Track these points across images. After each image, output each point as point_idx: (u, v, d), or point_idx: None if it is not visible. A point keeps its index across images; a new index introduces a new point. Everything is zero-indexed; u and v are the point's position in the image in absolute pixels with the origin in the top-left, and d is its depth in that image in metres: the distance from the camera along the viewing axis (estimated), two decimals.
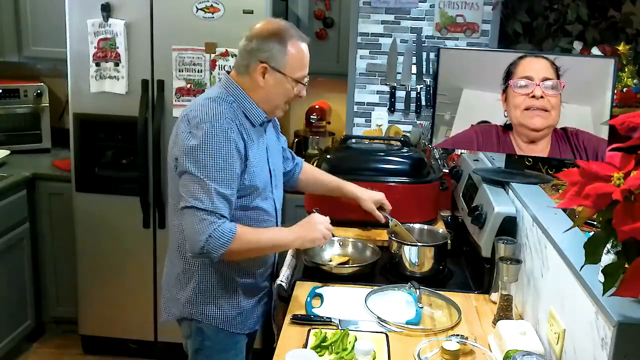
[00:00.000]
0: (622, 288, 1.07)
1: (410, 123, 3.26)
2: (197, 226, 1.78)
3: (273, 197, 2.05)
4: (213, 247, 1.78)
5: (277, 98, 1.95)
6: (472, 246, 2.18)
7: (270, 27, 1.90)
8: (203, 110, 1.85)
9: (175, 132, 1.90)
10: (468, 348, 1.64)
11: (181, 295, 1.98)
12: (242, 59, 1.92)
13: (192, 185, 1.81)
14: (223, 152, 1.81)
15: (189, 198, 1.80)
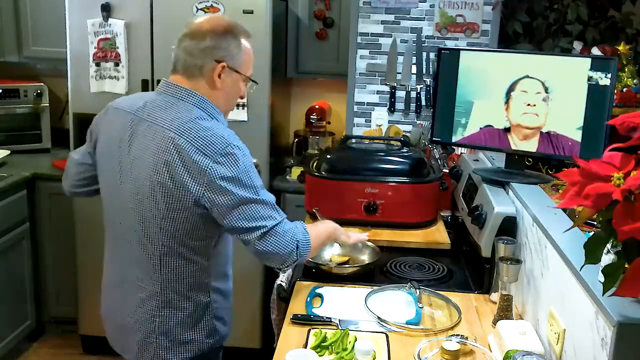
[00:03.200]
0: (622, 288, 1.07)
1: (410, 123, 3.26)
2: (283, 240, 1.68)
3: None
4: (304, 248, 1.73)
5: (233, 100, 1.83)
6: (472, 246, 2.18)
7: (223, 23, 1.75)
8: (214, 135, 1.66)
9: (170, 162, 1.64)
10: (468, 348, 1.64)
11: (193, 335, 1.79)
12: (194, 59, 1.73)
13: (255, 209, 1.65)
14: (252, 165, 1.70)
15: (261, 222, 1.66)
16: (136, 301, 1.77)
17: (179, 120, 1.69)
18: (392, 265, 2.23)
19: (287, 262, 1.73)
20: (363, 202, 2.45)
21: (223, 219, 1.66)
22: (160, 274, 1.73)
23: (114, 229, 1.82)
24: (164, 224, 1.68)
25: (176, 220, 1.67)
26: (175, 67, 1.80)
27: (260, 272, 3.27)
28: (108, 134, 1.82)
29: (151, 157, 1.67)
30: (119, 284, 1.83)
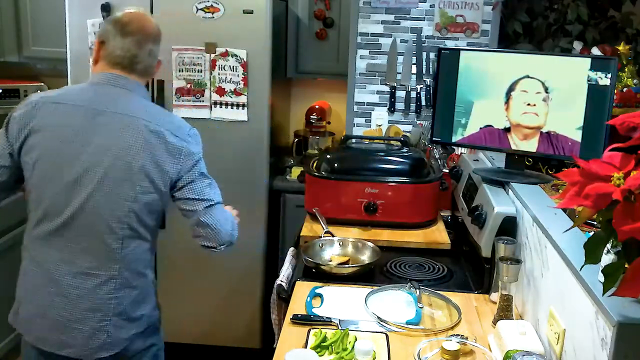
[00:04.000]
0: (622, 288, 1.07)
1: (410, 123, 3.26)
2: (224, 217, 1.92)
3: None
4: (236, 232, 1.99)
5: None
6: (472, 246, 2.18)
7: (154, 25, 1.94)
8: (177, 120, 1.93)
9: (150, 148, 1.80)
10: (468, 348, 1.64)
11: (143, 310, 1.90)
12: (153, 60, 1.94)
13: (208, 184, 1.91)
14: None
15: (210, 197, 1.90)
16: (85, 290, 1.80)
17: (142, 108, 1.86)
18: (392, 265, 2.23)
19: (221, 241, 1.91)
20: (363, 202, 2.45)
21: (180, 190, 1.87)
22: (121, 256, 1.82)
23: (54, 226, 1.82)
24: (134, 207, 1.80)
25: (146, 201, 1.82)
26: (133, 67, 1.89)
27: (261, 272, 3.27)
28: (55, 129, 1.83)
29: (124, 143, 1.79)
30: (51, 282, 1.84)
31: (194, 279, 3.30)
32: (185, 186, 1.86)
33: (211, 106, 3.12)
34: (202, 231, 1.89)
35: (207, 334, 3.35)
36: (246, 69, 3.07)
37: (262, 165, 3.18)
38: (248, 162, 3.17)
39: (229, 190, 3.19)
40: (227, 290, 3.29)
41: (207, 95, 3.11)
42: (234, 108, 3.11)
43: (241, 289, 3.29)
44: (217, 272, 3.27)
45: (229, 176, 3.17)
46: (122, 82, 1.87)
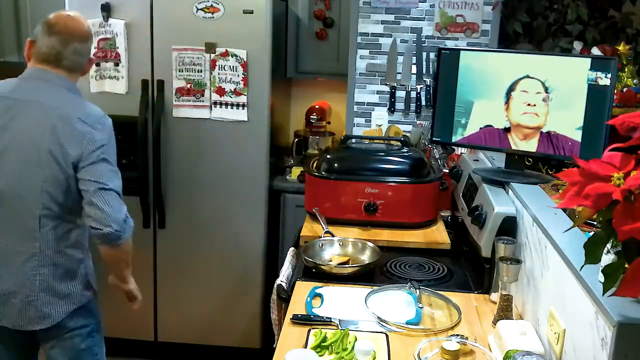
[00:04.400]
0: (622, 288, 1.07)
1: (410, 123, 3.26)
2: (117, 205, 1.98)
3: None
4: (128, 228, 2.01)
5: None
6: (472, 246, 2.18)
7: (82, 26, 2.11)
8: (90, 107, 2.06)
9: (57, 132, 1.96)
10: (468, 348, 1.64)
11: (71, 288, 2.06)
12: (83, 59, 2.09)
13: (107, 170, 1.99)
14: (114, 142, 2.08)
15: (109, 182, 1.97)
16: (13, 267, 2.00)
17: (61, 98, 2.03)
18: (392, 265, 2.23)
19: (108, 224, 1.95)
20: (363, 202, 2.45)
21: (79, 171, 1.97)
22: (40, 234, 1.98)
23: None
24: (45, 186, 1.96)
25: (56, 182, 1.96)
26: (59, 63, 2.06)
27: (261, 272, 3.27)
28: None
29: (38, 128, 1.97)
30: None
31: (194, 279, 3.30)
32: (84, 167, 1.97)
33: (211, 106, 3.12)
34: (91, 211, 1.96)
35: (207, 334, 3.35)
36: (246, 69, 3.07)
37: (262, 165, 3.18)
38: (248, 162, 3.17)
39: (229, 190, 3.21)
40: (227, 290, 3.29)
41: (207, 95, 3.11)
42: (234, 108, 3.11)
43: (241, 289, 3.29)
44: (217, 272, 3.27)
45: (229, 176, 3.18)
46: (46, 76, 2.06)
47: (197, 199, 3.21)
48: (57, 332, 2.07)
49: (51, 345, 2.10)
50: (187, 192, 3.21)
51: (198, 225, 3.24)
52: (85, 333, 2.14)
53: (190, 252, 3.27)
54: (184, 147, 3.17)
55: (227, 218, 3.22)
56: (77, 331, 2.11)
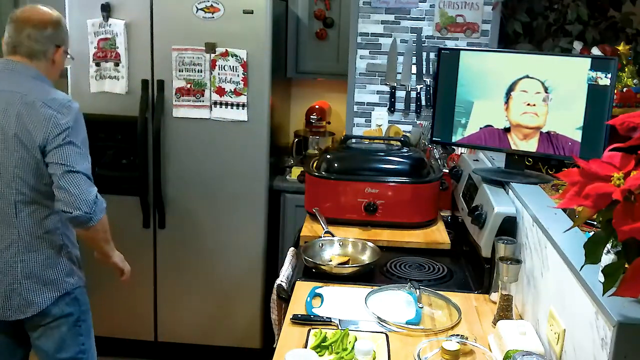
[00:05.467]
0: (622, 288, 1.07)
1: (410, 123, 3.26)
2: (85, 188, 1.98)
3: None
4: (98, 210, 2.01)
5: (59, 72, 2.23)
6: (472, 246, 2.18)
7: (55, 14, 2.14)
8: (57, 94, 2.07)
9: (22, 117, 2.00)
10: (468, 348, 1.64)
11: (54, 275, 2.09)
12: (39, 45, 2.09)
13: (75, 152, 2.00)
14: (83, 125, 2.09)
15: (76, 165, 1.98)
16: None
17: (27, 86, 2.06)
18: (392, 265, 2.23)
19: (78, 206, 1.95)
20: (363, 202, 2.45)
21: (47, 155, 1.99)
22: (17, 220, 2.04)
23: None
24: (17, 171, 2.01)
25: (27, 166, 2.01)
26: (16, 50, 2.10)
27: (261, 272, 3.27)
28: None
29: (4, 116, 2.02)
30: None
31: (194, 279, 3.30)
32: (51, 151, 1.99)
33: (211, 106, 3.12)
34: (60, 194, 1.98)
35: (207, 334, 3.35)
36: (246, 69, 3.07)
37: (262, 165, 3.18)
38: (248, 162, 3.17)
39: (229, 190, 3.21)
40: (227, 290, 3.29)
41: (207, 95, 3.11)
42: (234, 108, 3.11)
43: (241, 289, 3.29)
44: (217, 272, 3.27)
45: (229, 176, 3.18)
46: (10, 65, 2.09)
47: (197, 199, 3.21)
48: (42, 320, 2.09)
49: (38, 335, 2.12)
50: (187, 192, 3.21)
51: (198, 225, 3.24)
52: (72, 321, 2.15)
53: (190, 252, 3.27)
54: (184, 147, 3.17)
55: (227, 218, 3.22)
56: (63, 319, 2.13)
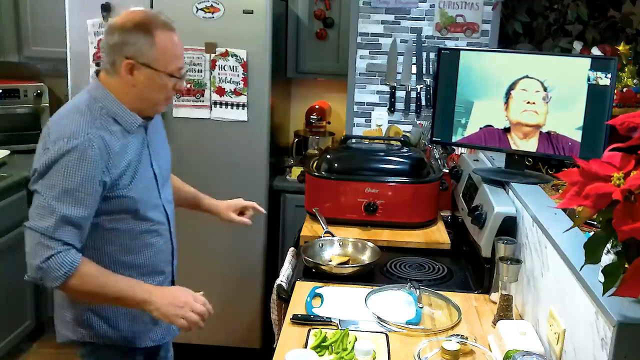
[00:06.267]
0: (622, 288, 1.07)
1: (410, 123, 3.25)
2: (34, 249, 1.62)
3: (162, 204, 1.89)
4: (48, 276, 1.61)
5: (153, 95, 1.77)
6: (472, 246, 2.18)
7: (134, 18, 1.73)
8: (63, 123, 1.68)
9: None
10: (468, 348, 1.64)
11: (70, 316, 1.83)
12: (106, 55, 1.73)
13: (38, 205, 1.64)
14: (78, 172, 1.63)
15: (31, 219, 1.64)
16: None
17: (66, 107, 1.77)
18: (392, 265, 2.23)
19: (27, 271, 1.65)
20: (363, 202, 2.45)
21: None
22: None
23: None
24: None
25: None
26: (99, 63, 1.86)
27: (261, 272, 3.27)
28: None
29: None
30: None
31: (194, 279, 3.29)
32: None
33: (211, 106, 3.12)
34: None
35: (207, 334, 3.35)
36: (246, 69, 3.07)
37: (262, 165, 3.18)
38: (248, 162, 3.17)
39: (229, 190, 3.21)
40: (227, 290, 3.29)
41: (207, 95, 3.11)
42: (234, 108, 3.11)
43: (241, 289, 3.29)
44: (217, 272, 3.27)
45: (229, 176, 3.18)
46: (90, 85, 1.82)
47: None
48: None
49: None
50: None
51: (198, 225, 3.24)
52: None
53: (190, 251, 3.26)
54: (184, 147, 3.16)
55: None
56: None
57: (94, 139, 1.66)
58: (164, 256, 1.92)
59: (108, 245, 1.77)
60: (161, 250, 1.89)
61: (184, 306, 1.70)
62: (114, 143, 1.70)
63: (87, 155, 1.63)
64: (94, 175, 1.64)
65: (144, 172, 1.80)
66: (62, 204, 1.62)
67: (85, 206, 1.65)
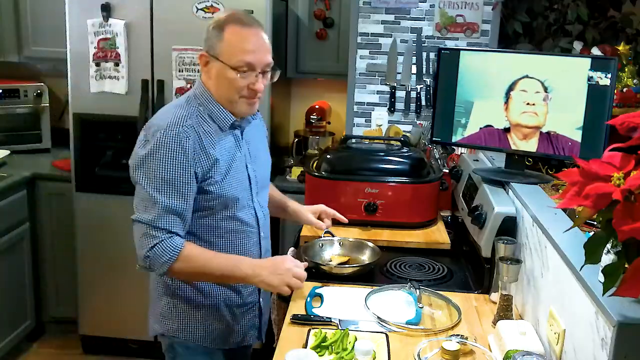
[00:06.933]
0: (622, 288, 1.07)
1: (410, 123, 3.25)
2: (141, 240, 1.72)
3: (253, 206, 1.94)
4: (155, 263, 1.71)
5: (226, 91, 1.81)
6: (472, 246, 2.18)
7: (219, 15, 1.82)
8: (162, 117, 1.78)
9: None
10: (468, 348, 1.64)
11: (156, 308, 1.93)
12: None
13: (141, 197, 1.74)
14: (175, 162, 1.71)
15: (137, 211, 1.74)
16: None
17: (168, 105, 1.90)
18: (392, 265, 2.23)
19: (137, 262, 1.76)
20: (363, 202, 2.45)
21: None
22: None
23: None
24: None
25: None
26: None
27: None
28: None
29: None
30: None
31: None
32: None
33: None
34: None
35: None
36: None
37: None
38: None
39: None
40: None
41: None
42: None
43: None
44: None
45: None
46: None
47: None
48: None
49: None
50: None
51: None
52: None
53: None
54: None
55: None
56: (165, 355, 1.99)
57: (189, 131, 1.73)
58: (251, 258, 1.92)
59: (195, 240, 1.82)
60: (249, 251, 1.93)
61: (284, 273, 1.79)
62: (207, 138, 1.78)
63: (182, 146, 1.71)
64: (189, 165, 1.72)
65: (236, 172, 1.85)
66: (163, 194, 1.71)
67: (184, 195, 1.73)
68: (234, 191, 1.84)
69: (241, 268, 1.79)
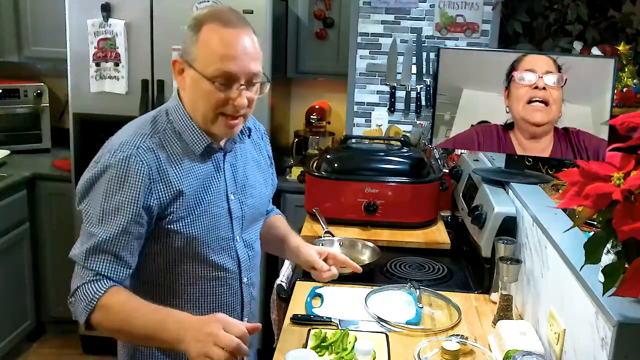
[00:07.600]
0: (622, 288, 1.07)
1: (410, 123, 3.25)
2: (72, 279, 1.41)
3: (234, 246, 1.57)
4: (76, 310, 1.39)
5: (201, 106, 1.45)
6: (472, 246, 2.18)
7: (196, 13, 1.47)
8: (120, 134, 1.47)
9: None
10: (468, 348, 1.64)
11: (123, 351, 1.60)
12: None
13: (82, 229, 1.44)
14: (120, 192, 1.38)
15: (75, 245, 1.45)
16: None
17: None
18: (392, 265, 2.23)
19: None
20: (363, 202, 2.45)
21: None
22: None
23: None
24: None
25: None
26: None
27: (261, 272, 3.27)
28: None
29: None
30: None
31: None
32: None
33: None
34: None
35: None
36: None
37: None
38: None
39: None
40: None
41: None
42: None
43: None
44: None
45: None
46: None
47: None
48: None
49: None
50: None
51: None
52: None
53: None
54: None
55: None
56: None
57: (146, 155, 1.41)
58: (228, 310, 1.58)
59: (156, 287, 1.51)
60: (226, 303, 1.59)
61: (204, 340, 1.28)
62: (171, 164, 1.44)
63: (132, 173, 1.38)
64: (137, 196, 1.38)
65: (210, 207, 1.50)
66: (101, 228, 1.39)
67: (125, 232, 1.38)
68: (206, 230, 1.49)
69: (168, 327, 1.33)
